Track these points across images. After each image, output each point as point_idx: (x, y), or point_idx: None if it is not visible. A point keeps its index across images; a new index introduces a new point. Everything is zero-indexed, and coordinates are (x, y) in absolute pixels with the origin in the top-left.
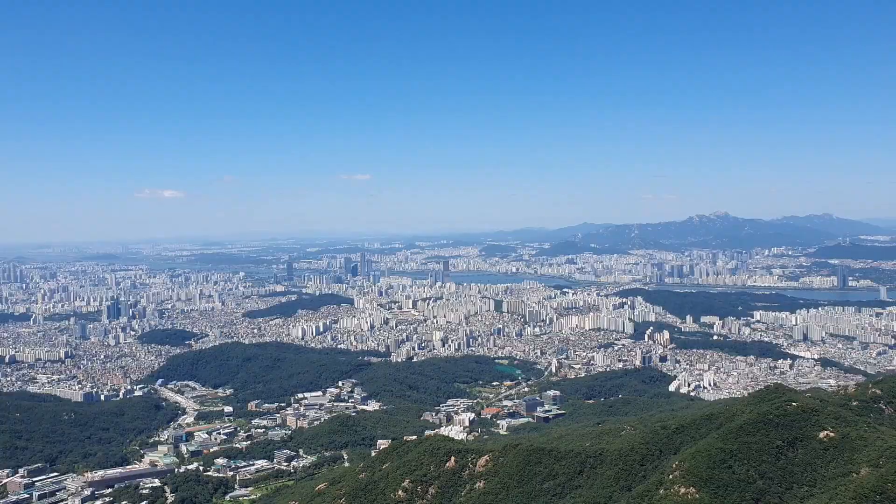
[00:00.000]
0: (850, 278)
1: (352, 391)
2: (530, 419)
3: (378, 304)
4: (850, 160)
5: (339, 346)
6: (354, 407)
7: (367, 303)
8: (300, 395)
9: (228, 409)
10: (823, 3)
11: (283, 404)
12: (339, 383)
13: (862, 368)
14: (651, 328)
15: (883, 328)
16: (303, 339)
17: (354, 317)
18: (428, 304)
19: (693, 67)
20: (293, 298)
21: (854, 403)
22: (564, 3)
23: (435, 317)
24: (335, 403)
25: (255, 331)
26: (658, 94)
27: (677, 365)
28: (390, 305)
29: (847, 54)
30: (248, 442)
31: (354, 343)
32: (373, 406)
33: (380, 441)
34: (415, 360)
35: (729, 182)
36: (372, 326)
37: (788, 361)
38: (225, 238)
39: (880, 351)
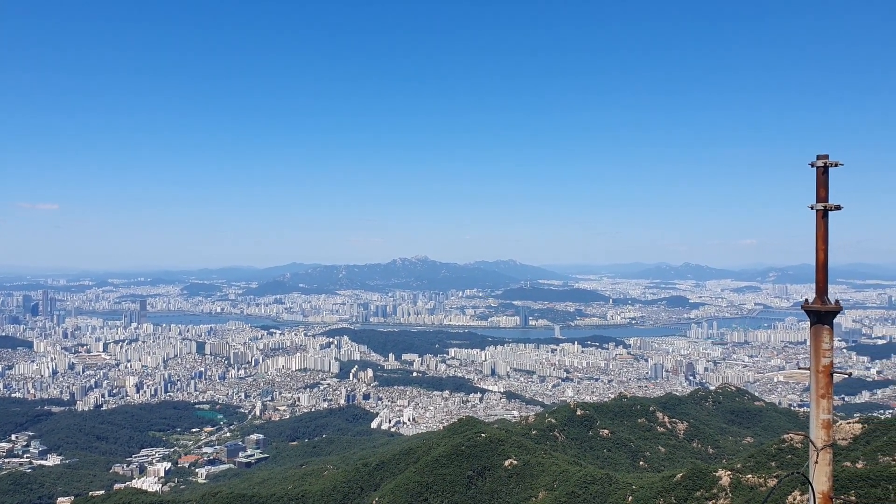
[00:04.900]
0: (530, 318)
1: (27, 445)
2: (232, 465)
3: (62, 347)
4: (530, 215)
5: (13, 395)
6: (30, 462)
7: (50, 346)
8: None
9: None
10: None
11: None
12: (13, 436)
13: (540, 400)
14: (356, 367)
15: (557, 363)
16: None
17: (33, 361)
18: (121, 347)
19: (390, 128)
20: None
21: (534, 432)
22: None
23: (129, 360)
24: (7, 460)
25: None
26: (358, 144)
27: (380, 402)
28: (77, 349)
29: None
30: None
31: (32, 391)
32: (53, 460)
33: (60, 499)
34: (104, 408)
35: (428, 229)
36: (54, 372)
37: (479, 395)
38: None
39: (555, 383)
